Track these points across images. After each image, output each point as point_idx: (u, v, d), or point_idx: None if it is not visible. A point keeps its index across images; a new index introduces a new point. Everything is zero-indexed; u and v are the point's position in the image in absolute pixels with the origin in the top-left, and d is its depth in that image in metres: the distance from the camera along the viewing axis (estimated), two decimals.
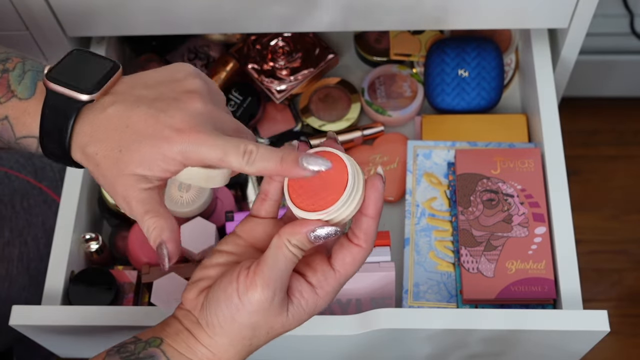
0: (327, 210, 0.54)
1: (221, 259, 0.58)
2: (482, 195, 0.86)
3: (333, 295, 0.57)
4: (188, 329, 0.57)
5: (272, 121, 1.00)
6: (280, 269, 0.53)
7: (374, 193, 0.55)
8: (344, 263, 0.56)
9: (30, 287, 0.91)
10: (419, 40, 1.00)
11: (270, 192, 0.59)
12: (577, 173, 1.47)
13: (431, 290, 0.84)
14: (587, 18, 0.84)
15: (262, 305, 0.54)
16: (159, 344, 0.56)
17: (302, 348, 0.80)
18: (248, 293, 0.53)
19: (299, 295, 0.56)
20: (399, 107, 0.99)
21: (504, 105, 1.00)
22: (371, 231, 0.56)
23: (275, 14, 0.84)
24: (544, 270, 0.81)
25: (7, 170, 0.94)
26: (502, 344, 0.79)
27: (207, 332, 0.56)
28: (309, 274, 0.56)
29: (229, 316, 0.55)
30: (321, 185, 0.54)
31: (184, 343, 0.56)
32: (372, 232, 0.56)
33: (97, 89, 0.56)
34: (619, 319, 1.35)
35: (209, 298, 0.56)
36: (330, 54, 1.00)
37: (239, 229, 0.60)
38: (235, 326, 0.55)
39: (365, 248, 0.56)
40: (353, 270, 0.56)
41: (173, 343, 0.56)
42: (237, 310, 0.54)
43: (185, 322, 0.57)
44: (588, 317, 0.73)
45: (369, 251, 0.56)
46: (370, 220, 0.55)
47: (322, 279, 0.56)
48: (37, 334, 0.80)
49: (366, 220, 0.55)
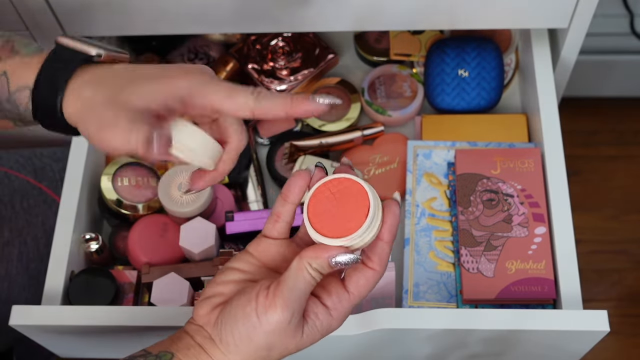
0: (349, 237, 0.54)
1: (235, 277, 0.59)
2: (482, 195, 0.86)
3: (346, 317, 0.58)
4: (200, 345, 0.57)
5: (272, 121, 1.00)
6: (300, 290, 0.54)
7: (391, 219, 0.56)
8: (357, 285, 0.56)
9: (29, 287, 0.91)
10: (419, 40, 1.00)
11: (283, 214, 0.59)
12: (577, 173, 1.47)
13: (431, 290, 0.84)
14: (587, 18, 0.84)
15: (280, 326, 0.54)
16: (169, 358, 0.56)
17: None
18: (267, 313, 0.54)
19: (314, 317, 0.56)
20: (399, 107, 0.99)
21: (504, 105, 1.00)
22: (385, 255, 0.56)
23: (275, 14, 0.84)
24: (544, 270, 0.81)
25: (7, 170, 0.94)
26: (502, 344, 0.79)
27: (220, 348, 0.56)
28: (324, 296, 0.57)
29: (246, 335, 0.55)
30: (342, 212, 0.55)
31: (195, 358, 0.56)
32: (385, 256, 0.56)
33: (107, 51, 0.58)
34: (619, 319, 1.35)
35: (224, 315, 0.56)
36: (330, 54, 1.00)
37: (252, 249, 0.60)
38: (251, 346, 0.55)
39: (378, 271, 0.56)
40: (366, 292, 0.57)
41: (184, 358, 0.56)
42: (254, 330, 0.54)
43: (197, 338, 0.57)
44: (588, 317, 0.73)
45: (382, 274, 0.57)
46: (385, 245, 0.56)
47: (336, 301, 0.56)
48: (37, 334, 0.80)
49: (381, 245, 0.56)
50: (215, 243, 0.83)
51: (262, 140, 0.99)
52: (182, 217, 0.85)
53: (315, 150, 0.96)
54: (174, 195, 0.84)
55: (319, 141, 0.96)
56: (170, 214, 0.86)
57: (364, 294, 0.57)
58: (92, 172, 0.90)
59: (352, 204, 0.55)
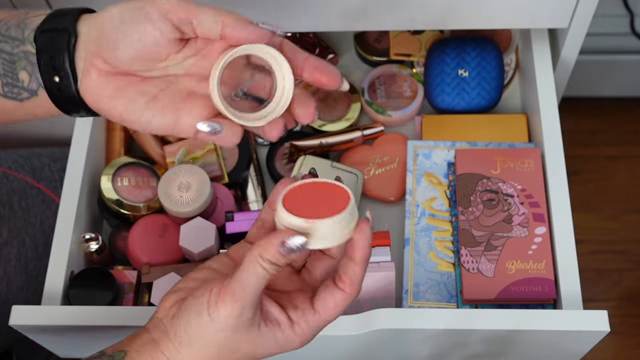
0: (313, 220, 0.53)
1: (204, 275, 0.58)
2: (482, 195, 0.86)
3: (310, 337, 0.57)
4: (155, 340, 0.56)
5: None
6: (250, 285, 0.53)
7: (362, 238, 0.54)
8: (325, 306, 0.56)
9: (28, 287, 0.91)
10: (419, 40, 1.00)
11: (267, 220, 0.59)
12: (577, 173, 1.47)
13: (431, 290, 0.84)
14: (587, 18, 0.84)
15: (229, 321, 0.53)
16: (122, 357, 0.56)
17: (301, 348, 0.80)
18: (218, 307, 0.53)
19: (276, 324, 0.55)
20: (399, 107, 0.99)
21: (504, 105, 1.00)
22: (356, 278, 0.55)
23: (275, 14, 0.84)
24: (544, 270, 0.81)
25: (5, 170, 0.94)
26: (502, 344, 0.79)
27: (173, 343, 0.56)
28: (290, 309, 0.56)
29: (197, 331, 0.54)
30: (318, 203, 0.54)
31: (148, 355, 0.56)
32: (357, 280, 0.55)
33: None
34: (619, 319, 1.35)
35: (181, 309, 0.55)
36: (330, 54, 1.00)
37: (231, 251, 0.60)
38: (202, 343, 0.54)
39: (349, 294, 0.55)
40: (334, 314, 0.56)
41: (136, 355, 0.56)
42: (206, 325, 0.54)
43: (154, 333, 0.57)
44: (588, 317, 0.73)
45: (353, 298, 0.56)
46: (357, 267, 0.55)
47: (300, 316, 0.56)
48: (37, 334, 0.79)
49: (352, 267, 0.55)
50: (215, 243, 0.83)
51: (262, 140, 0.99)
52: (182, 217, 0.85)
53: (315, 150, 0.95)
54: (174, 195, 0.84)
55: (319, 141, 0.96)
56: (170, 214, 0.86)
57: (331, 316, 0.56)
58: (92, 172, 0.90)
59: (330, 200, 0.54)
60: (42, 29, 0.56)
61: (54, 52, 0.56)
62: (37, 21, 0.57)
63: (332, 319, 0.56)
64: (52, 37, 0.56)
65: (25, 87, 0.58)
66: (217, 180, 0.92)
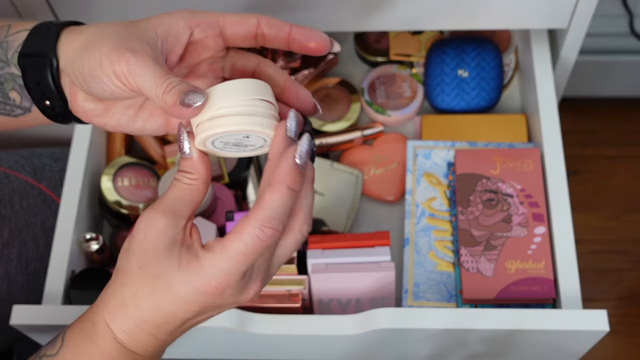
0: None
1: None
2: (481, 195, 0.86)
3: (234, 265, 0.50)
4: (92, 321, 0.54)
5: None
6: (172, 194, 0.52)
7: (277, 134, 0.51)
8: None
9: (29, 287, 0.91)
10: (419, 40, 1.00)
11: None
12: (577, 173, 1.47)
13: (431, 290, 0.84)
14: (586, 18, 0.84)
15: (154, 231, 0.51)
16: (57, 348, 0.54)
17: (301, 348, 0.80)
18: (147, 217, 0.51)
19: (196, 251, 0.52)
20: (399, 107, 0.99)
21: (504, 105, 1.00)
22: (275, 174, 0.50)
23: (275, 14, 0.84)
24: (543, 270, 0.81)
25: (6, 170, 0.94)
26: (502, 344, 0.79)
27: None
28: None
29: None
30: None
31: (81, 333, 0.54)
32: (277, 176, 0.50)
33: None
34: (619, 319, 1.35)
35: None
36: (330, 54, 1.00)
37: None
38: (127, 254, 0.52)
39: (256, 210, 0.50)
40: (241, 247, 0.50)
41: (71, 327, 0.54)
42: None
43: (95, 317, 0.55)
44: (588, 317, 0.73)
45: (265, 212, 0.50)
46: (271, 163, 0.51)
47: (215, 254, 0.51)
48: (37, 333, 0.80)
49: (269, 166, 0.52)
50: None
51: None
52: None
53: (315, 150, 0.96)
54: None
55: (319, 141, 0.96)
56: None
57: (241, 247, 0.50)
58: (93, 172, 0.90)
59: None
60: (23, 53, 0.56)
61: (40, 79, 0.55)
62: (18, 40, 0.57)
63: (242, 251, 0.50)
64: (35, 64, 0.55)
65: (17, 105, 0.58)
66: (217, 180, 0.93)
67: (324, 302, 0.82)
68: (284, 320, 0.75)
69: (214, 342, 0.81)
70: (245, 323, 0.75)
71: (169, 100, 0.50)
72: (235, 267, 0.50)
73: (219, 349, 0.83)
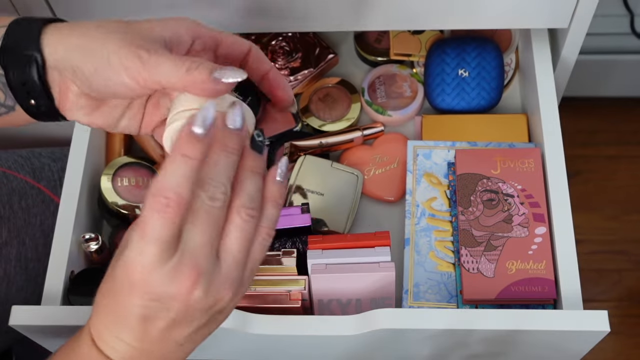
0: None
1: None
2: (482, 195, 0.86)
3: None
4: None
5: (272, 121, 0.99)
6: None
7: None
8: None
9: (28, 287, 0.91)
10: (419, 40, 1.00)
11: None
12: (578, 173, 1.47)
13: (431, 291, 0.84)
14: (587, 18, 0.84)
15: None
16: None
17: (301, 348, 0.80)
18: None
19: None
20: (399, 107, 0.99)
21: (504, 105, 1.00)
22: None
23: (275, 14, 0.84)
24: (544, 270, 0.80)
25: (5, 170, 0.94)
26: (503, 344, 0.78)
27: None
28: None
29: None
30: None
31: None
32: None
33: None
34: (619, 319, 1.35)
35: None
36: (330, 54, 1.00)
37: None
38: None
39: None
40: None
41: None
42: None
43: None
44: (588, 318, 0.73)
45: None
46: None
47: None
48: (37, 334, 0.79)
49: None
50: None
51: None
52: None
53: (315, 150, 0.95)
54: None
55: (319, 141, 0.95)
56: None
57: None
58: (92, 172, 0.90)
59: None
60: (5, 49, 0.55)
61: (25, 79, 0.55)
62: None
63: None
64: (18, 61, 0.54)
65: (1, 103, 0.58)
66: None
67: (324, 302, 0.81)
68: (284, 321, 0.75)
69: (214, 342, 0.81)
70: (244, 323, 0.74)
71: (198, 76, 0.52)
72: (140, 246, 0.49)
73: (219, 349, 0.83)
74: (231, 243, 0.52)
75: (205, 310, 0.52)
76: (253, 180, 0.53)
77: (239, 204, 0.52)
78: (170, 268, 0.50)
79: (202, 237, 0.50)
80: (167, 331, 0.52)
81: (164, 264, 0.49)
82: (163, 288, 0.50)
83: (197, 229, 0.50)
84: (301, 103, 1.00)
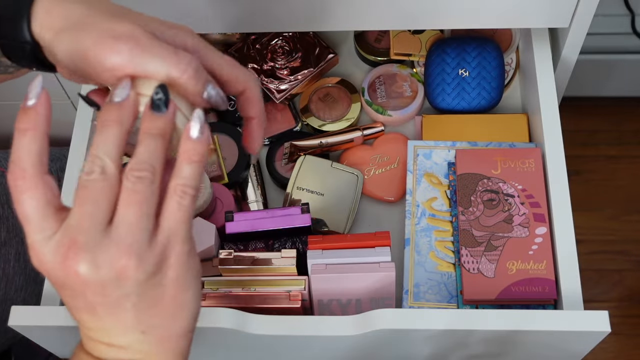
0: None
1: None
2: (482, 196, 0.86)
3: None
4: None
5: (272, 121, 1.00)
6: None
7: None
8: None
9: (27, 287, 0.91)
10: (420, 39, 1.00)
11: None
12: (578, 173, 1.47)
13: (431, 291, 0.84)
14: (588, 18, 0.83)
15: None
16: None
17: (301, 349, 0.79)
18: None
19: None
20: (399, 107, 0.99)
21: (505, 105, 1.00)
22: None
23: (275, 14, 0.84)
24: (544, 270, 0.80)
25: (3, 170, 0.94)
26: (503, 345, 0.78)
27: None
28: None
29: None
30: None
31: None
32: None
33: None
34: (620, 320, 1.35)
35: None
36: (330, 53, 0.99)
37: None
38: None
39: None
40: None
41: None
42: None
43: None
44: (589, 318, 0.73)
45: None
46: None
47: None
48: (36, 334, 0.79)
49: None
50: (215, 243, 0.83)
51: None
52: None
53: (315, 150, 0.95)
54: None
55: (319, 141, 0.95)
56: None
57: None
58: None
59: None
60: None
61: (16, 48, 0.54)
62: None
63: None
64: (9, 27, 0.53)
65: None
66: (217, 180, 0.92)
67: (324, 302, 0.81)
68: (284, 321, 0.75)
69: (213, 342, 0.81)
70: (244, 324, 0.74)
71: (195, 89, 0.52)
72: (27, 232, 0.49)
73: (218, 349, 0.83)
74: (123, 209, 0.48)
75: (114, 283, 0.48)
76: (146, 142, 0.50)
77: (127, 168, 0.49)
78: (52, 248, 0.48)
79: (80, 209, 0.48)
80: (113, 316, 0.50)
81: (45, 236, 0.48)
82: (55, 272, 0.48)
83: (75, 203, 0.48)
84: (301, 103, 1.00)
